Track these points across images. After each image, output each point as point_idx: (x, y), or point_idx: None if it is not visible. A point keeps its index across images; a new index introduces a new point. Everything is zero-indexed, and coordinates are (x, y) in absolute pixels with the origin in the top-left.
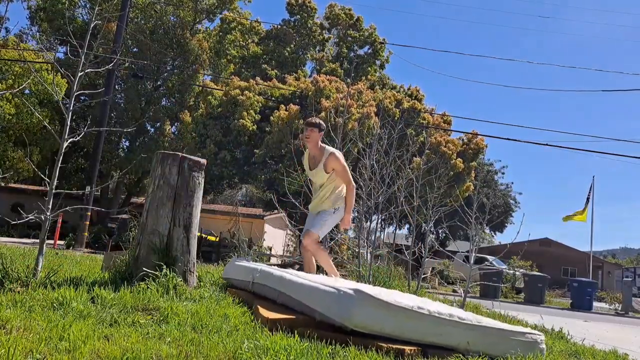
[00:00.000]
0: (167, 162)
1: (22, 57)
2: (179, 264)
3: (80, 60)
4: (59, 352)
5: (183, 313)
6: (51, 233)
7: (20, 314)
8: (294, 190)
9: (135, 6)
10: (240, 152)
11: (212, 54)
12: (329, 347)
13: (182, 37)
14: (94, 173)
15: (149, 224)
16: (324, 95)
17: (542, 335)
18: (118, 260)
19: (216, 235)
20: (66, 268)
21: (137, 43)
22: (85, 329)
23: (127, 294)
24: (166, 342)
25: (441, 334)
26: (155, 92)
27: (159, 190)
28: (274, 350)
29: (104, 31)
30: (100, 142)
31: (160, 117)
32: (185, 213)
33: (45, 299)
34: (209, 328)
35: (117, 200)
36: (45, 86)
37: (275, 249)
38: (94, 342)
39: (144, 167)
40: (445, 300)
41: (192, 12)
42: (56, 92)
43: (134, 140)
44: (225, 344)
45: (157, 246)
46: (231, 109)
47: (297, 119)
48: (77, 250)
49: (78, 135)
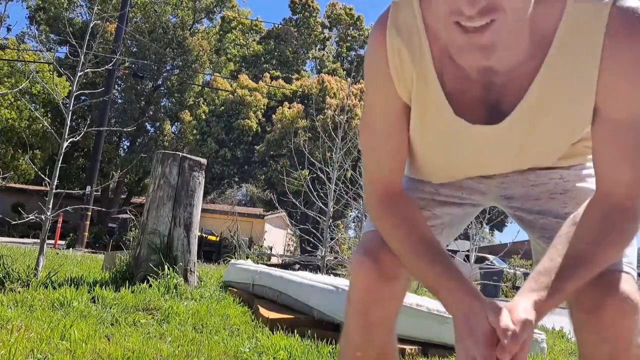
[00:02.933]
0: (167, 162)
1: (22, 58)
2: (180, 264)
3: (79, 60)
4: (60, 351)
5: (184, 313)
6: (52, 233)
7: (21, 314)
8: (294, 190)
9: (135, 6)
10: (241, 150)
11: (212, 53)
12: (329, 346)
13: (181, 37)
14: (94, 173)
15: (150, 223)
16: (329, 95)
17: (543, 334)
18: (119, 260)
19: (217, 235)
20: (67, 268)
21: (136, 43)
22: (86, 329)
23: (127, 294)
24: (167, 342)
25: (441, 332)
26: (155, 91)
27: (160, 190)
28: (274, 349)
29: (104, 31)
30: (101, 142)
31: (160, 117)
32: (186, 213)
33: (46, 299)
34: (210, 328)
35: (117, 200)
36: (45, 87)
37: (276, 249)
38: (95, 342)
39: (144, 167)
40: None
41: (192, 12)
42: (56, 93)
43: (134, 140)
44: (226, 343)
45: (158, 246)
46: (237, 108)
47: (300, 118)
48: (77, 250)
49: (78, 135)
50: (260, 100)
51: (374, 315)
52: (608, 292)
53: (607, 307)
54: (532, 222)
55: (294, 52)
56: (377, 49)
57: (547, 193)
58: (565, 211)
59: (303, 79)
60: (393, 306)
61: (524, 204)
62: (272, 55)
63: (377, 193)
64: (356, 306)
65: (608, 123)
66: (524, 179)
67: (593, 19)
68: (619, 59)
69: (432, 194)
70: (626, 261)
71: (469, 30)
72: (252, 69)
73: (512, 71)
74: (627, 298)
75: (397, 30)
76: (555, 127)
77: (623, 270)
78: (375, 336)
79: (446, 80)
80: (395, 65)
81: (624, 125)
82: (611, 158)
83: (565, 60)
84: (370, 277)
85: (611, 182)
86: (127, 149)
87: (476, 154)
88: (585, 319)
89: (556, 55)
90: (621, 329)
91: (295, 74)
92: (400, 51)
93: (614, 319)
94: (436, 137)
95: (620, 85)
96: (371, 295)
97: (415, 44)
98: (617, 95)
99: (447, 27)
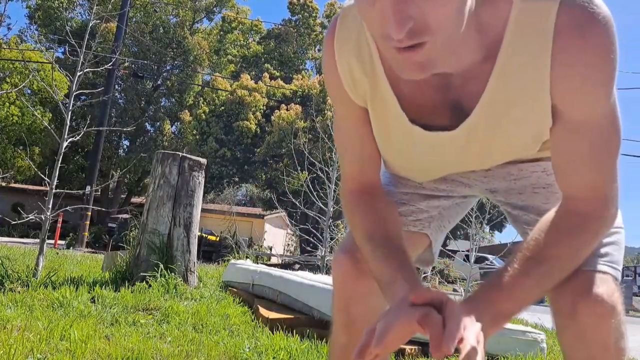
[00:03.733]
0: (167, 162)
1: (23, 57)
2: (180, 264)
3: (79, 60)
4: (59, 352)
5: (183, 312)
6: (51, 233)
7: (21, 314)
8: (293, 190)
9: (135, 6)
10: (240, 151)
11: (212, 53)
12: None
13: (181, 37)
14: (94, 173)
15: (149, 223)
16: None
17: (543, 334)
18: (118, 260)
19: (216, 235)
20: (67, 268)
21: (136, 42)
22: (86, 329)
23: (127, 294)
24: (167, 342)
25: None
26: (155, 91)
27: (159, 189)
28: (274, 349)
29: (104, 31)
30: (100, 141)
31: (160, 117)
32: (186, 213)
33: (45, 299)
34: (210, 328)
35: (117, 200)
36: (45, 85)
37: (276, 249)
38: (95, 342)
39: (144, 167)
40: None
41: (191, 12)
42: (56, 92)
43: (134, 139)
44: (226, 343)
45: (158, 246)
46: (236, 109)
47: (300, 119)
48: (77, 250)
49: (78, 134)
50: (259, 100)
51: (354, 311)
52: (581, 296)
53: (581, 311)
54: (517, 218)
55: (295, 52)
56: (328, 60)
57: (530, 187)
58: (546, 207)
59: (303, 79)
60: (374, 301)
61: (508, 198)
62: (272, 55)
63: (349, 189)
64: (338, 304)
65: (564, 123)
66: (505, 173)
67: (540, 18)
68: (569, 59)
69: (415, 188)
70: (606, 260)
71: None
72: (252, 68)
73: (469, 71)
74: (601, 301)
75: (345, 41)
76: (516, 127)
77: (599, 270)
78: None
79: (402, 87)
80: (346, 76)
81: (581, 127)
82: (568, 160)
83: (517, 60)
84: (346, 274)
85: (568, 185)
86: (127, 149)
87: (439, 157)
88: (562, 323)
89: (506, 56)
90: (597, 333)
91: (296, 74)
92: (350, 62)
93: (589, 323)
94: (397, 143)
95: (572, 86)
96: (349, 292)
97: (365, 54)
98: (570, 96)
99: (383, 47)
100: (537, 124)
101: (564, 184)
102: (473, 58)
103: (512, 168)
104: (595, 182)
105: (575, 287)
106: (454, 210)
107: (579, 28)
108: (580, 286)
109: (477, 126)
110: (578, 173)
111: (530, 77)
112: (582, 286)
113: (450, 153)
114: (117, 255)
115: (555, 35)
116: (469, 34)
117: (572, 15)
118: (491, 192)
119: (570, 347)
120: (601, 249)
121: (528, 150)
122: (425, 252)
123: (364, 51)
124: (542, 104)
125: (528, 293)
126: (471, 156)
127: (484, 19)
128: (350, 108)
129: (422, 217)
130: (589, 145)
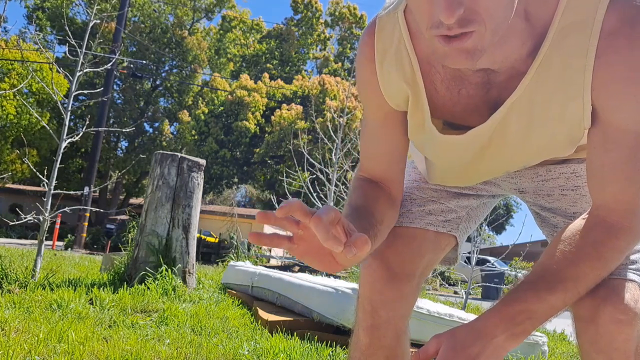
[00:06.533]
0: (166, 163)
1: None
2: (178, 265)
3: (79, 60)
4: (57, 353)
5: (182, 314)
6: (50, 234)
7: (19, 315)
8: (293, 190)
9: (134, 6)
10: (240, 151)
11: (211, 53)
12: (329, 348)
13: (180, 37)
14: (92, 173)
15: (148, 224)
16: (329, 96)
17: (545, 337)
18: (117, 261)
19: (215, 236)
20: (65, 269)
21: (135, 42)
22: (84, 331)
23: (126, 296)
24: (165, 344)
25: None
26: (154, 91)
27: (158, 190)
28: (273, 352)
29: (103, 31)
30: (99, 142)
31: (159, 117)
32: (184, 214)
33: (43, 300)
34: (209, 330)
35: (115, 201)
36: (44, 86)
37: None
38: (93, 344)
39: (143, 168)
40: (447, 301)
41: (191, 11)
42: (55, 92)
43: (133, 140)
44: (225, 345)
45: (156, 247)
46: (235, 109)
47: (300, 120)
48: (75, 251)
49: (76, 135)
50: (259, 100)
51: (381, 315)
52: (604, 301)
53: (602, 317)
54: (545, 219)
55: (296, 52)
56: (367, 64)
57: (559, 189)
58: (573, 210)
59: (303, 80)
60: (402, 307)
61: (536, 200)
62: (272, 55)
63: (358, 175)
64: (364, 306)
65: (601, 128)
66: (533, 173)
67: (589, 13)
68: (615, 61)
69: (444, 185)
70: (635, 268)
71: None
72: (252, 68)
73: (513, 67)
74: (624, 308)
75: (386, 51)
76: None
77: (626, 277)
78: (384, 337)
79: (439, 87)
80: (385, 83)
81: (618, 134)
82: (603, 166)
83: (558, 55)
84: (376, 277)
85: (600, 194)
86: (126, 150)
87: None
88: (582, 328)
89: (549, 49)
90: (616, 340)
91: (296, 74)
92: (390, 69)
93: (609, 329)
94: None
95: (614, 90)
96: (378, 295)
97: (406, 63)
98: (611, 100)
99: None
100: (573, 124)
101: (595, 192)
102: (520, 53)
103: (540, 169)
104: (628, 194)
105: (599, 293)
106: (480, 211)
107: (629, 26)
108: (604, 292)
109: (508, 120)
110: (612, 181)
111: (571, 74)
112: (605, 292)
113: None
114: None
115: (602, 34)
116: (517, 23)
117: (622, 14)
118: (520, 192)
119: (587, 353)
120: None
121: (562, 151)
122: (451, 252)
123: (404, 60)
124: (581, 104)
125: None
126: (504, 155)
127: (533, 9)
128: (378, 110)
129: (451, 218)
130: (627, 154)
